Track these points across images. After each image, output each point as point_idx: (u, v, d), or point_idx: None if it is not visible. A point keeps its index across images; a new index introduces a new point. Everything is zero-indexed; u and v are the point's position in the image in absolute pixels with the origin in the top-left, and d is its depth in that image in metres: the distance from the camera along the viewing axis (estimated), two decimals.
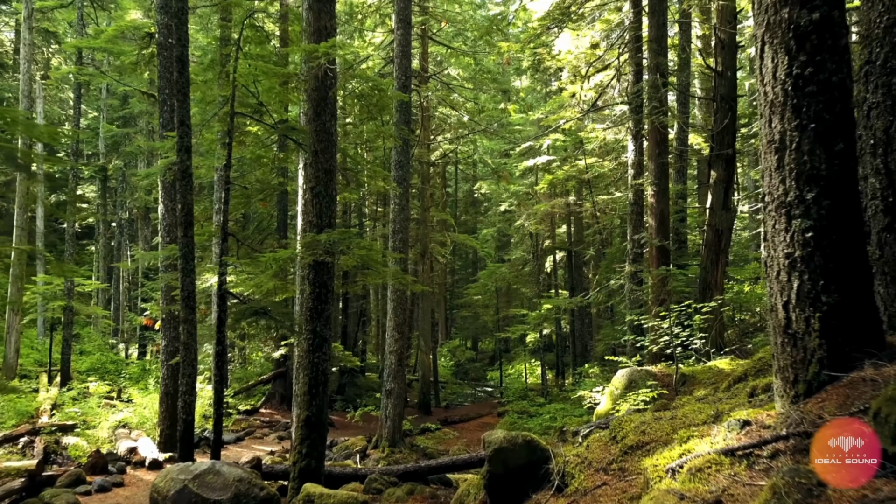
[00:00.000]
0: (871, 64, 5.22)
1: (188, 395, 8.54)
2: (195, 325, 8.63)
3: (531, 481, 4.51)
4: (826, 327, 3.13)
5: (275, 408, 18.68)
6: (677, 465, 3.17)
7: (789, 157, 3.27)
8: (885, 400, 2.52)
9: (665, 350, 9.38)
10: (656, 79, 12.14)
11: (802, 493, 2.35)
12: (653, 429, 4.28)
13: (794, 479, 2.42)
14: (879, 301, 4.94)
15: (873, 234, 5.07)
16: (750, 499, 2.54)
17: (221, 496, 6.37)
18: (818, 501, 2.30)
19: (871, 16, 5.27)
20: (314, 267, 7.15)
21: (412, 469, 8.63)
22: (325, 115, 7.33)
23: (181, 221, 8.58)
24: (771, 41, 3.37)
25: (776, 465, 2.70)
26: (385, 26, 21.20)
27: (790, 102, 3.27)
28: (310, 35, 7.41)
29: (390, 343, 13.84)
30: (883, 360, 3.01)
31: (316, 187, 7.27)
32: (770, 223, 3.38)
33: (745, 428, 3.16)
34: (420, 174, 20.25)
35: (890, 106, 5.03)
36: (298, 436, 7.29)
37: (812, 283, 3.17)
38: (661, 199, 12.46)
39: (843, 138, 3.23)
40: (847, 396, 2.91)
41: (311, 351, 7.20)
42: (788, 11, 3.28)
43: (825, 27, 3.23)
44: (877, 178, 5.06)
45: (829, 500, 2.30)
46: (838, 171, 3.21)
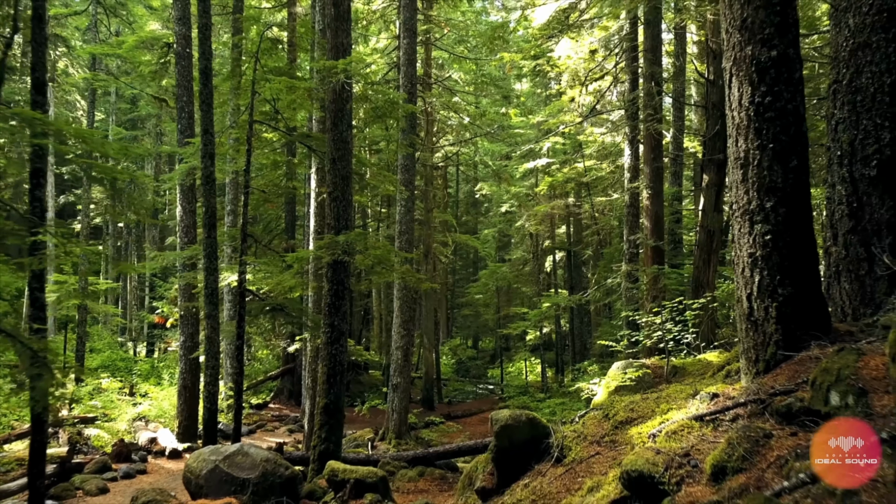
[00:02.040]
0: (838, 83, 5.83)
1: (212, 386, 9.15)
2: (218, 320, 9.23)
3: (534, 454, 5.11)
4: (781, 315, 3.73)
5: (283, 403, 19.29)
6: (657, 431, 3.78)
7: (752, 172, 3.88)
8: (820, 371, 3.13)
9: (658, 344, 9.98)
10: (651, 87, 12.74)
11: (751, 442, 2.96)
12: (640, 407, 4.89)
13: (746, 433, 3.03)
14: (845, 295, 5.55)
15: (840, 236, 5.68)
16: (711, 450, 3.14)
17: (250, 475, 6.97)
18: (762, 448, 2.92)
19: (838, 40, 5.87)
20: (332, 266, 7.75)
21: (421, 455, 9.23)
22: (342, 125, 7.94)
23: (205, 223, 9.18)
24: (737, 73, 3.98)
25: (735, 426, 3.31)
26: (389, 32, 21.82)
27: (753, 126, 3.88)
28: (328, 51, 8.01)
29: (397, 339, 14.43)
30: (826, 342, 3.62)
31: (334, 192, 7.88)
32: (736, 227, 3.99)
33: (714, 399, 3.77)
34: (423, 176, 20.85)
35: (854, 121, 5.64)
36: (318, 421, 7.89)
37: (770, 278, 3.78)
38: (655, 202, 13.07)
39: (797, 156, 3.84)
40: (796, 371, 3.52)
41: (330, 343, 7.81)
42: (751, 49, 3.88)
43: (782, 63, 3.84)
44: (843, 185, 5.67)
45: (771, 448, 2.92)
46: (793, 184, 3.82)
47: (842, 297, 5.51)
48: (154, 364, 21.89)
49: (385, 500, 5.95)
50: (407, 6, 14.55)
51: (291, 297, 10.62)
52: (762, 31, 3.85)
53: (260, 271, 9.73)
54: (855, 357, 3.09)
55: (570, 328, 25.61)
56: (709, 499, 2.79)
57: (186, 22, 12.72)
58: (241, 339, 9.54)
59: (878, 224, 5.34)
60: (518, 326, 18.97)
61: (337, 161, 7.87)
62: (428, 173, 21.10)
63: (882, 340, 3.36)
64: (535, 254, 26.36)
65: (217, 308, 9.15)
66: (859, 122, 5.57)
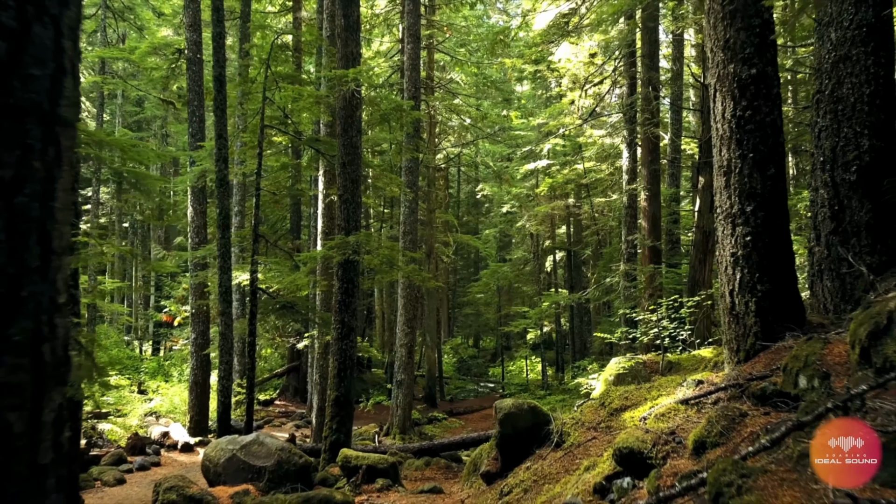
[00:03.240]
0: (821, 93, 6.20)
1: (226, 380, 9.54)
2: (231, 317, 9.62)
3: (535, 439, 5.50)
4: (760, 309, 4.12)
5: (288, 399, 19.69)
6: (647, 414, 4.16)
7: (734, 179, 4.26)
8: (791, 358, 3.52)
9: (655, 341, 10.37)
10: (648, 92, 13.13)
11: (728, 420, 3.35)
12: (634, 395, 5.27)
13: (724, 412, 3.42)
14: (827, 292, 5.92)
15: (822, 237, 6.05)
16: (694, 428, 3.53)
17: (266, 463, 7.36)
18: (737, 426, 3.30)
19: (821, 52, 6.25)
20: (343, 265, 8.14)
21: (427, 446, 9.62)
22: (352, 131, 8.33)
23: (219, 224, 9.57)
24: (721, 89, 4.36)
25: (715, 407, 3.70)
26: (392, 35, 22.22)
27: (734, 137, 4.26)
28: (338, 60, 8.40)
29: (401, 337, 14.82)
30: (800, 334, 4.01)
31: (344, 195, 8.27)
32: (720, 229, 4.37)
33: (698, 385, 4.16)
34: (426, 178, 21.23)
35: (836, 129, 6.01)
36: (329, 413, 8.28)
37: (750, 275, 4.16)
38: (653, 203, 13.46)
39: (775, 165, 4.22)
40: (772, 359, 3.91)
41: (340, 339, 8.20)
42: (733, 67, 4.27)
43: (761, 79, 4.23)
44: (825, 189, 6.04)
45: (745, 425, 3.30)
46: (770, 190, 4.20)
47: (824, 294, 5.88)
48: (160, 362, 22.29)
49: (395, 485, 6.34)
50: (411, 12, 14.94)
51: (300, 295, 11.02)
52: (743, 50, 4.23)
53: (271, 270, 10.12)
54: (821, 345, 3.48)
55: (571, 327, 25.99)
56: (689, 469, 3.17)
57: (197, 28, 13.10)
58: (252, 336, 9.94)
59: (858, 226, 5.71)
60: (519, 324, 19.36)
61: (347, 165, 8.26)
62: (430, 174, 21.49)
63: (848, 331, 3.75)
64: (536, 253, 26.74)
65: (230, 305, 9.55)
66: (840, 129, 5.94)
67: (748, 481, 2.40)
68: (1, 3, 1.84)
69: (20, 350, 1.88)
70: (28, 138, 1.90)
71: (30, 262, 1.91)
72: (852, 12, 5.89)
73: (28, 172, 1.90)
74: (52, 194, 1.97)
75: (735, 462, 2.56)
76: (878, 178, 5.76)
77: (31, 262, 1.91)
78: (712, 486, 2.53)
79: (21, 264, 1.88)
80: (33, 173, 1.91)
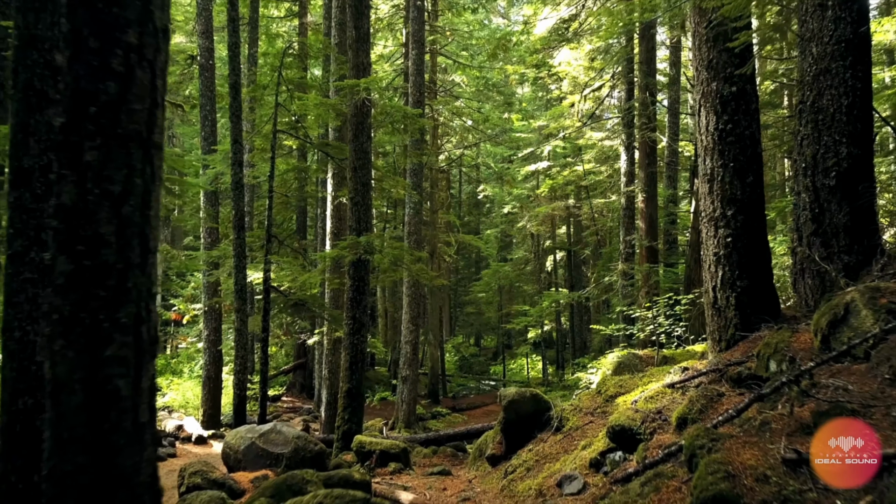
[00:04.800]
0: (803, 104, 6.67)
1: (241, 374, 10.00)
2: (247, 314, 10.08)
3: (537, 424, 5.96)
4: (739, 303, 4.58)
5: (295, 396, 20.15)
6: (638, 398, 4.63)
7: (716, 186, 4.72)
8: (763, 345, 3.98)
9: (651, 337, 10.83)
10: (646, 97, 13.59)
11: (707, 400, 3.81)
12: (628, 383, 5.73)
13: (703, 393, 3.88)
14: (808, 289, 6.37)
15: (804, 238, 6.51)
16: (677, 408, 3.99)
17: (283, 450, 7.82)
18: (715, 404, 3.76)
19: (804, 66, 6.72)
20: (354, 264, 8.60)
21: (433, 437, 10.08)
22: (362, 137, 8.78)
23: (235, 225, 10.03)
24: (705, 104, 4.82)
25: (697, 389, 4.16)
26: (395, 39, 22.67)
27: (717, 148, 4.72)
28: (349, 70, 8.87)
29: (406, 334, 15.27)
30: (774, 325, 4.46)
31: (355, 197, 8.73)
32: (705, 231, 4.83)
33: (684, 371, 4.62)
34: (429, 179, 21.69)
35: (817, 137, 6.48)
36: (341, 404, 8.75)
37: (731, 272, 4.62)
38: (650, 205, 13.92)
39: (753, 173, 4.68)
40: (748, 348, 4.37)
41: (352, 334, 8.66)
42: (716, 85, 4.73)
43: (741, 96, 4.68)
44: (807, 193, 6.51)
45: (722, 403, 3.76)
46: (749, 195, 4.66)
47: (805, 291, 6.34)
48: (167, 360, 22.74)
49: (407, 468, 6.80)
50: (415, 19, 15.39)
51: (311, 293, 11.48)
52: (725, 70, 4.69)
53: (283, 269, 10.57)
54: (789, 334, 3.94)
55: (571, 325, 26.44)
56: (672, 441, 3.63)
57: (209, 35, 13.56)
58: (266, 332, 10.40)
59: (837, 227, 6.17)
60: (520, 322, 19.79)
61: (358, 169, 8.72)
62: (433, 176, 21.94)
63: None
64: (537, 253, 27.20)
65: (246, 303, 10.00)
66: (821, 138, 6.40)
67: (717, 444, 2.87)
68: (111, 52, 2.33)
69: (126, 330, 2.37)
70: (132, 160, 2.38)
71: (133, 259, 2.40)
72: (832, 29, 6.36)
73: (132, 187, 2.39)
74: (149, 204, 2.46)
75: (707, 429, 3.02)
76: (855, 183, 6.23)
77: (134, 259, 2.40)
78: (687, 449, 2.99)
79: (127, 261, 2.37)
80: (135, 188, 2.40)
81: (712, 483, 2.53)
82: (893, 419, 2.58)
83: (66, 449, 2.27)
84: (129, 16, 2.38)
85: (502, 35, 18.50)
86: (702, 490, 2.56)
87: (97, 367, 2.28)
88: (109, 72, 2.32)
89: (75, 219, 2.28)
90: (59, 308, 2.28)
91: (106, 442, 2.31)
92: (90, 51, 2.30)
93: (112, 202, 2.32)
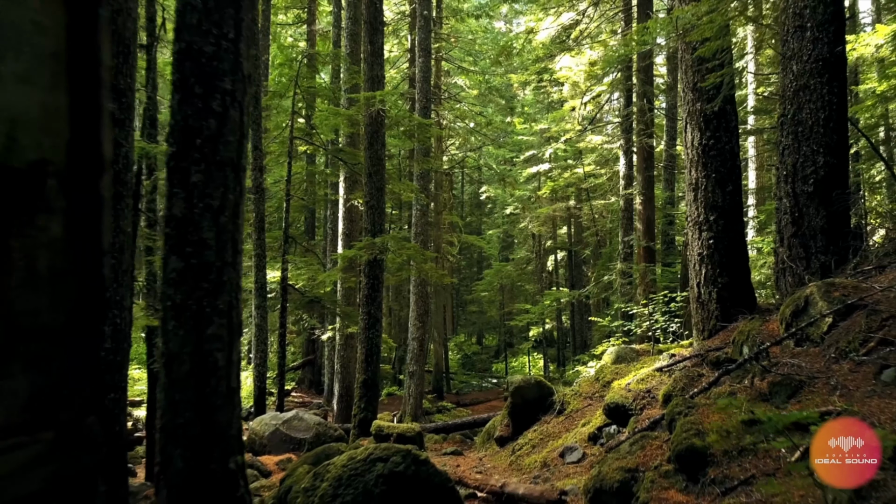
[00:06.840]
0: (784, 117, 7.30)
1: (261, 367, 10.63)
2: (266, 310, 10.71)
3: (541, 408, 6.58)
4: (720, 297, 5.20)
5: (304, 391, 20.79)
6: (631, 381, 5.26)
7: (700, 194, 5.34)
8: (738, 333, 4.61)
9: (648, 333, 11.46)
10: (643, 104, 14.21)
11: (688, 380, 4.44)
12: (623, 370, 6.35)
13: (686, 374, 4.51)
14: (788, 286, 6.99)
15: (785, 239, 7.13)
16: (662, 387, 4.62)
17: (305, 435, 8.46)
18: (695, 383, 4.39)
19: (785, 81, 7.35)
20: (370, 263, 9.23)
21: (442, 426, 10.72)
22: (377, 144, 9.42)
23: (256, 226, 10.66)
24: (691, 122, 5.45)
25: (681, 372, 4.79)
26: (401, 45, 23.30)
27: (701, 160, 5.34)
28: (364, 82, 9.50)
29: (412, 331, 15.89)
30: (749, 316, 5.09)
31: (370, 201, 9.36)
32: (690, 234, 5.45)
33: (672, 357, 5.25)
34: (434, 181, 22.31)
35: (796, 147, 7.10)
36: (358, 394, 9.38)
37: (713, 270, 5.24)
38: (647, 207, 14.54)
39: (732, 183, 5.30)
40: (727, 336, 5.00)
41: (367, 328, 9.28)
42: (700, 104, 5.35)
43: (722, 115, 5.31)
44: (787, 199, 7.13)
45: (700, 382, 4.39)
46: (729, 202, 5.28)
47: (786, 288, 6.96)
48: None
49: (422, 450, 7.43)
50: (422, 27, 16.01)
51: (324, 291, 12.12)
52: (707, 92, 5.31)
53: (300, 268, 11.20)
54: (760, 323, 4.57)
55: (571, 324, 27.07)
56: (658, 413, 4.26)
57: None
58: (283, 328, 11.05)
59: (815, 230, 6.80)
60: (522, 319, 20.40)
61: (373, 175, 9.35)
62: (438, 178, 22.57)
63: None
64: (538, 253, 27.83)
65: (266, 300, 10.63)
66: (800, 148, 7.02)
67: (692, 410, 3.49)
68: (212, 95, 2.97)
69: (222, 314, 3.00)
70: (227, 181, 3.02)
71: (227, 258, 3.04)
72: (810, 48, 7.00)
73: (226, 202, 3.02)
74: (238, 215, 3.09)
75: (684, 399, 3.65)
76: (831, 189, 6.87)
77: (228, 258, 3.04)
78: (668, 415, 3.62)
79: (223, 260, 3.01)
80: (229, 202, 3.04)
81: (685, 438, 3.15)
82: (831, 386, 3.19)
83: (178, 407, 2.90)
84: (225, 67, 3.02)
85: (505, 43, 19.13)
86: (677, 444, 3.19)
87: (201, 343, 2.92)
88: (210, 112, 2.95)
89: (184, 227, 2.91)
90: (172, 297, 2.91)
91: (207, 402, 2.94)
92: (195, 95, 2.94)
93: (212, 214, 2.95)
